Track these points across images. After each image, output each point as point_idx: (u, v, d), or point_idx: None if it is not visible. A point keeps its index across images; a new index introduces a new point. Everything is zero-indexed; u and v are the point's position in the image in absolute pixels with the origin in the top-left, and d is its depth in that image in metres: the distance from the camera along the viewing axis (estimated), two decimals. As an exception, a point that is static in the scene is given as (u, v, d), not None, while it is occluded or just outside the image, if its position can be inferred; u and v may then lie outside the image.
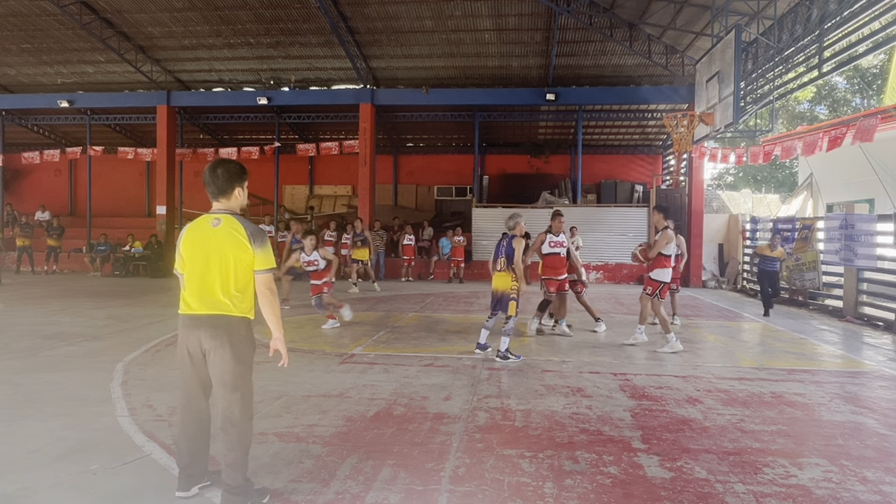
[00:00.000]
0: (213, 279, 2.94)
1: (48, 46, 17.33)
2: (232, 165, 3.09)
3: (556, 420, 4.46)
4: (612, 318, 9.88)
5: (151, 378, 5.58)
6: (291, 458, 3.64)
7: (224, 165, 3.07)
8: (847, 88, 30.76)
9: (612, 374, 5.97)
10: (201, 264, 2.96)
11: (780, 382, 5.75)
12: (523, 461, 3.65)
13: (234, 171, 3.07)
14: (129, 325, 8.51)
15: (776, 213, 21.14)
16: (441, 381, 5.53)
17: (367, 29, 15.57)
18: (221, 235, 2.96)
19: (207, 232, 2.98)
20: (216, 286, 2.94)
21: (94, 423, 4.25)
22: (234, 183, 3.05)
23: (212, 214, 3.04)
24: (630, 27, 14.60)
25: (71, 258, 19.10)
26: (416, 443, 3.95)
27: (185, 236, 3.04)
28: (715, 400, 5.08)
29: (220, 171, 3.03)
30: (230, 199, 3.06)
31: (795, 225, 12.88)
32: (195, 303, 2.97)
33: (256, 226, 3.05)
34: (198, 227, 3.02)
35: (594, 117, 19.52)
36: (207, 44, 16.77)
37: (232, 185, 3.05)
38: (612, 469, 3.55)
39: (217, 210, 3.06)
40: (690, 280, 15.96)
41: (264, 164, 21.33)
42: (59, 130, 23.07)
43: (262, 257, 2.99)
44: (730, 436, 4.17)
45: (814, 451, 3.92)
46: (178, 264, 3.07)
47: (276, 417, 4.43)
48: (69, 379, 5.50)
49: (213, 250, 2.95)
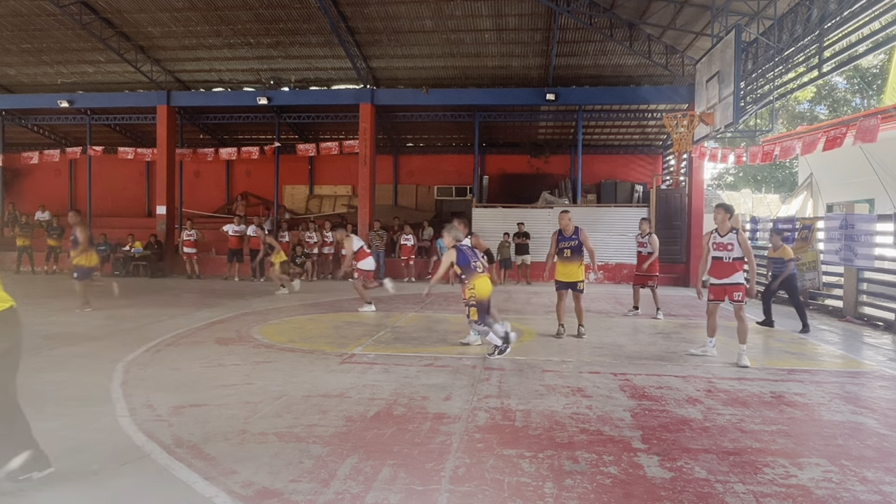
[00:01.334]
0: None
1: (48, 46, 17.34)
2: None
3: (556, 420, 4.46)
4: (611, 321, 9.88)
5: (151, 378, 5.58)
6: (291, 459, 3.64)
7: None
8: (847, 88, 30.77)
9: (612, 374, 5.97)
10: None
11: (781, 382, 5.75)
12: (523, 461, 3.65)
13: None
14: (129, 326, 8.50)
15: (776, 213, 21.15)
16: (441, 381, 5.53)
17: (366, 29, 15.58)
18: None
19: None
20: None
21: (94, 424, 4.25)
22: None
23: None
24: (630, 27, 14.61)
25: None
26: (416, 443, 3.94)
27: None
28: (715, 400, 5.08)
29: None
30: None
31: (795, 225, 12.88)
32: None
33: None
34: None
35: (594, 117, 19.52)
36: (207, 44, 16.78)
37: None
38: (612, 469, 3.55)
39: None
40: (690, 280, 15.96)
41: (264, 164, 21.37)
42: (59, 130, 23.08)
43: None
44: (730, 436, 4.17)
45: (814, 451, 3.92)
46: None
47: (275, 417, 4.43)
48: (69, 379, 5.50)
49: None
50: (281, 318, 9.23)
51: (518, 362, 6.42)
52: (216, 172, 23.48)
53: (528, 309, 10.88)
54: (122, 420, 4.34)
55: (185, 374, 5.67)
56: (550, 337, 7.99)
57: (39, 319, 8.92)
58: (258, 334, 7.84)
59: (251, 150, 19.13)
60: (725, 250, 6.59)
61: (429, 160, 22.94)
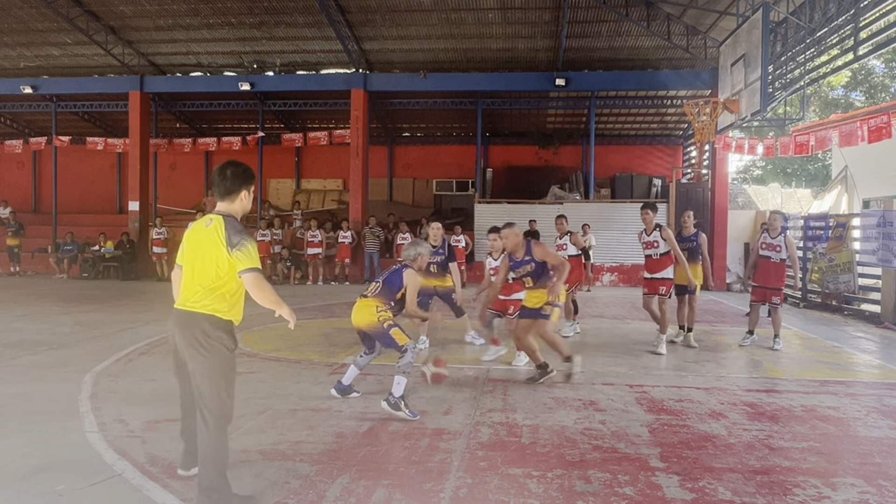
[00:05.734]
0: (189, 276, 3.31)
1: (9, 27, 17.34)
2: (240, 168, 3.40)
3: (566, 436, 4.46)
4: (626, 325, 9.89)
5: (123, 390, 5.58)
6: (277, 478, 3.64)
7: (233, 167, 3.38)
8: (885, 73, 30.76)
9: (628, 385, 5.98)
10: (188, 261, 3.33)
11: (812, 395, 5.75)
12: (530, 481, 3.65)
13: (242, 174, 3.38)
14: (99, 333, 8.51)
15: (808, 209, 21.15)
16: (440, 394, 5.54)
17: (359, 7, 15.58)
18: (207, 235, 3.26)
19: (200, 231, 3.32)
20: (189, 283, 3.31)
21: (61, 440, 4.25)
22: (241, 186, 3.37)
23: (210, 215, 3.36)
24: (647, 5, 14.61)
25: (35, 259, 19.11)
26: (413, 461, 3.94)
27: (188, 232, 3.43)
28: (740, 414, 5.08)
29: (229, 172, 3.35)
30: (234, 202, 3.37)
31: (829, 222, 12.87)
32: (178, 297, 3.38)
33: (241, 228, 3.29)
34: (197, 226, 3.38)
35: (608, 104, 19.53)
36: (184, 24, 16.78)
37: (238, 187, 3.36)
38: (628, 490, 3.55)
39: (217, 211, 3.35)
40: (714, 283, 15.95)
41: (247, 155, 21.21)
42: (22, 119, 23.08)
43: (240, 258, 3.21)
44: (757, 453, 4.17)
45: (849, 471, 3.91)
46: (179, 257, 3.46)
47: (259, 433, 4.44)
48: (33, 391, 5.50)
49: (198, 249, 3.29)
50: (265, 325, 9.24)
51: (525, 372, 6.42)
52: (194, 165, 23.49)
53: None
54: (90, 436, 4.34)
55: (160, 386, 5.67)
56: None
57: (1, 326, 8.91)
58: (240, 342, 7.85)
59: (232, 141, 19.14)
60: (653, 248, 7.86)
61: (427, 151, 22.95)
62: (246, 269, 3.21)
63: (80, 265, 17.95)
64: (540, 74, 17.21)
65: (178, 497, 3.37)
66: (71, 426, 4.54)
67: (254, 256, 3.24)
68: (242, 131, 20.94)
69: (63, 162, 21.25)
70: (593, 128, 18.71)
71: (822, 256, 12.29)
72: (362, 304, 5.16)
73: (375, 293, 5.19)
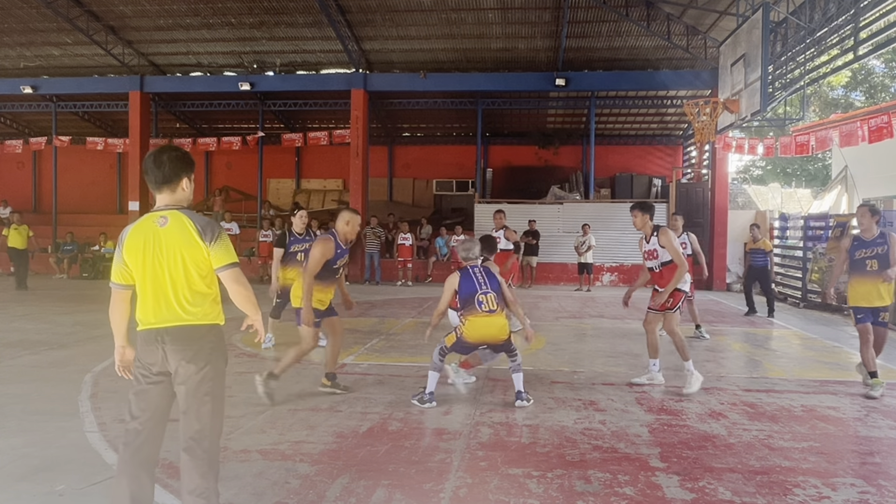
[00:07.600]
0: (167, 287, 2.81)
1: (10, 27, 17.33)
2: (179, 152, 2.96)
3: (566, 436, 4.47)
4: (626, 325, 9.89)
5: (123, 390, 5.54)
6: (277, 478, 3.64)
7: (170, 152, 2.94)
8: (885, 73, 30.76)
9: (628, 385, 5.98)
10: (152, 272, 2.82)
11: (812, 395, 5.75)
12: (530, 481, 3.66)
13: (182, 159, 2.94)
14: (99, 333, 8.50)
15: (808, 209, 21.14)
16: (440, 394, 5.53)
17: (359, 7, 15.57)
18: (173, 235, 2.81)
19: (155, 233, 2.83)
20: (172, 294, 2.81)
21: (61, 440, 4.26)
22: (182, 172, 2.92)
23: (156, 212, 2.90)
24: (647, 6, 14.61)
25: (35, 259, 19.07)
26: (413, 461, 3.95)
27: (127, 241, 2.87)
28: (740, 414, 5.09)
29: (166, 158, 2.89)
30: (175, 192, 2.92)
31: (829, 222, 12.88)
32: (153, 316, 2.83)
33: (208, 219, 2.93)
34: (142, 230, 2.86)
35: (608, 104, 19.52)
36: (184, 24, 16.77)
37: (179, 175, 2.91)
38: (628, 490, 3.56)
39: (161, 206, 2.92)
40: (714, 283, 15.96)
41: (247, 155, 21.34)
42: (22, 119, 23.08)
43: (218, 253, 2.83)
44: (757, 453, 4.17)
45: (849, 471, 3.92)
46: (118, 274, 2.90)
47: (259, 433, 4.44)
48: (33, 391, 5.50)
49: (164, 254, 2.81)
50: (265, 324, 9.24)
51: (525, 373, 6.40)
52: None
53: (537, 314, 10.88)
54: (90, 435, 4.35)
55: (160, 386, 5.67)
56: (558, 349, 7.98)
57: (1, 326, 8.92)
58: (240, 342, 7.84)
59: (232, 141, 19.13)
60: (652, 258, 6.43)
61: (427, 151, 22.95)
62: (226, 264, 2.84)
63: (80, 265, 17.93)
64: (540, 74, 17.20)
65: (177, 497, 3.37)
66: (71, 426, 4.55)
67: (232, 249, 2.89)
68: (242, 131, 20.92)
69: (63, 162, 21.23)
70: (593, 128, 18.69)
71: (822, 256, 12.30)
72: (497, 321, 5.07)
73: (498, 303, 5.12)
